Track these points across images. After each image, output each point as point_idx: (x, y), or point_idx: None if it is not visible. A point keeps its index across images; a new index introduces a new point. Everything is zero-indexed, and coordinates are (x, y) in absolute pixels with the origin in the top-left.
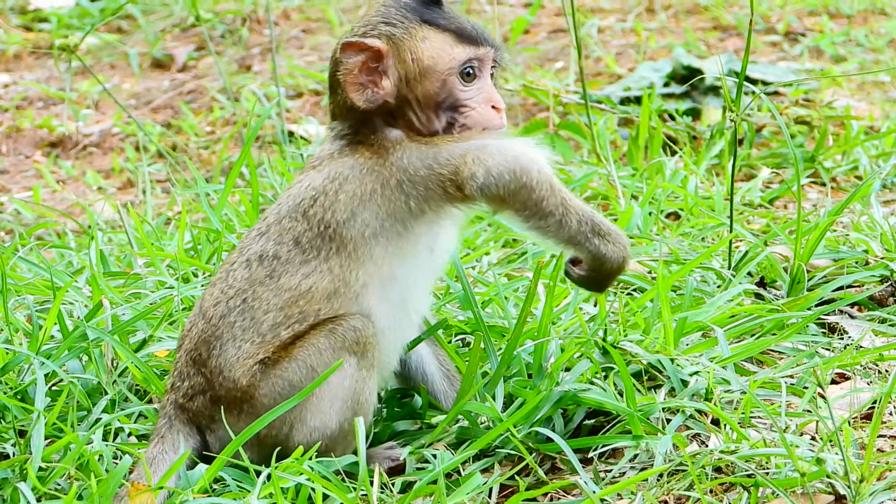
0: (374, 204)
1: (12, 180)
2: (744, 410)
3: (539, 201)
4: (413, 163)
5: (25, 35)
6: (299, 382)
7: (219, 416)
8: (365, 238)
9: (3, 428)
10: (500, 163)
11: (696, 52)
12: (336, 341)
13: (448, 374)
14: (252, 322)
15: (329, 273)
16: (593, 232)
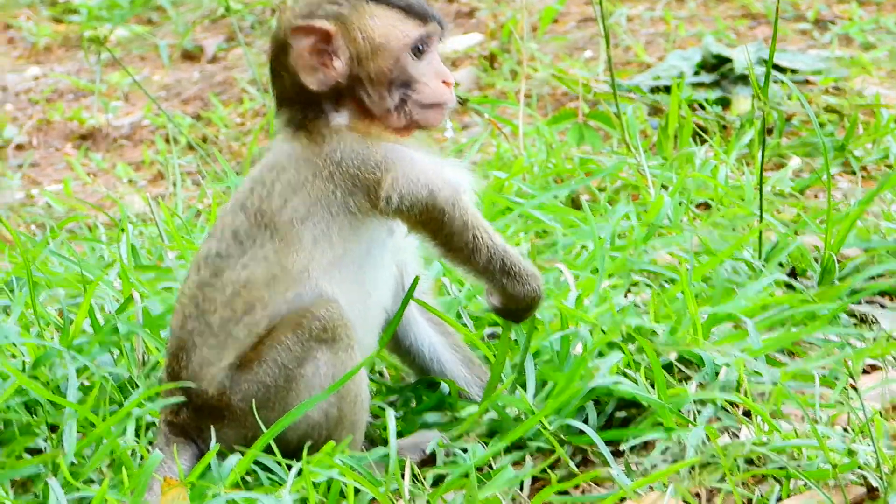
0: (305, 192)
1: (43, 173)
2: (775, 402)
3: (449, 234)
4: (345, 157)
5: (55, 27)
6: (273, 382)
7: (205, 426)
8: (294, 222)
9: (35, 423)
10: (416, 190)
11: (725, 40)
12: (302, 334)
13: (465, 359)
14: (206, 325)
15: (264, 260)
16: (502, 271)
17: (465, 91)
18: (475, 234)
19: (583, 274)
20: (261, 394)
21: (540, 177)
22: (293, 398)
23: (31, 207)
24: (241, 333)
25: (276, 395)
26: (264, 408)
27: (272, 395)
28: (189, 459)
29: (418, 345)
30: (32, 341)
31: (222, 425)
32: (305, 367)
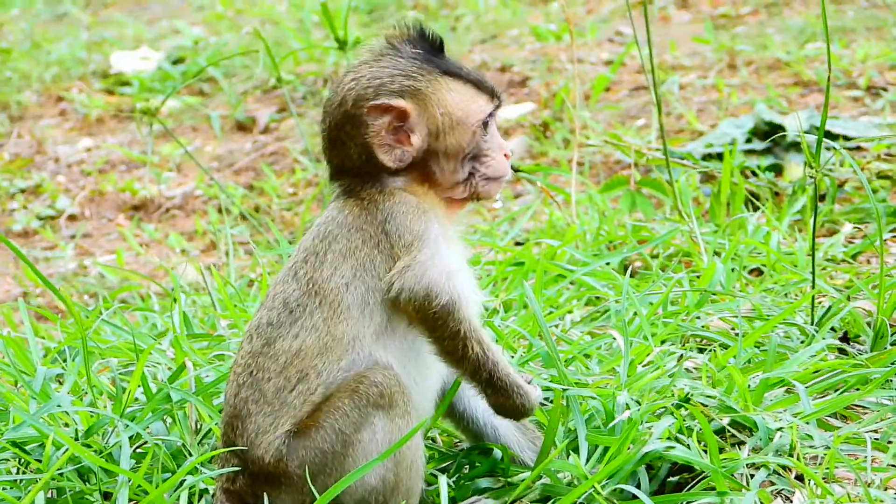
0: (354, 258)
1: (96, 244)
2: (828, 466)
3: (440, 338)
4: (391, 221)
5: (107, 99)
6: (330, 448)
7: (261, 493)
8: (340, 289)
9: (88, 490)
10: (416, 290)
11: (777, 107)
12: (360, 400)
13: (518, 424)
14: (259, 394)
15: (314, 329)
16: (488, 383)
17: (517, 159)
18: (465, 344)
19: (635, 340)
20: (318, 460)
21: (592, 244)
22: (350, 464)
23: (83, 277)
24: (297, 401)
25: (334, 461)
26: (322, 474)
27: (329, 461)
28: None
29: (472, 410)
30: (85, 410)
31: (279, 492)
32: (362, 433)
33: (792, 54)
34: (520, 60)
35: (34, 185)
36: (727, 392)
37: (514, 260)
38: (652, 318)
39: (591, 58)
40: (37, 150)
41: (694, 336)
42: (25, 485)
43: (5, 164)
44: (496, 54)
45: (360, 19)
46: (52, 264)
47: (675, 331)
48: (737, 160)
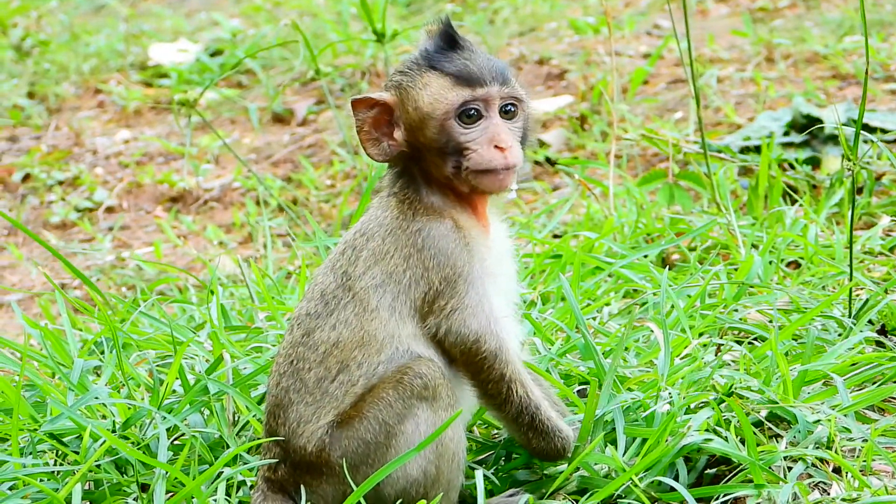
0: (385, 262)
1: (133, 236)
2: (865, 458)
3: (485, 381)
4: (427, 247)
5: (146, 91)
6: (373, 439)
7: (303, 482)
8: (369, 290)
9: (126, 482)
10: (465, 333)
11: (815, 100)
12: (404, 391)
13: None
14: (301, 383)
15: (348, 324)
16: (530, 426)
17: (555, 152)
18: (510, 387)
19: (673, 333)
20: (360, 450)
21: (630, 237)
22: (392, 455)
23: (121, 270)
24: (338, 392)
25: (376, 452)
26: (364, 464)
27: (372, 452)
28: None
29: None
30: (123, 402)
31: (321, 482)
32: (406, 424)
33: (830, 47)
34: (558, 53)
35: (72, 177)
36: (766, 384)
37: (551, 252)
38: (690, 311)
39: (629, 51)
40: (75, 141)
41: (731, 328)
42: (63, 476)
43: (43, 156)
44: (534, 47)
45: (399, 12)
46: (90, 256)
47: (712, 323)
48: (774, 153)
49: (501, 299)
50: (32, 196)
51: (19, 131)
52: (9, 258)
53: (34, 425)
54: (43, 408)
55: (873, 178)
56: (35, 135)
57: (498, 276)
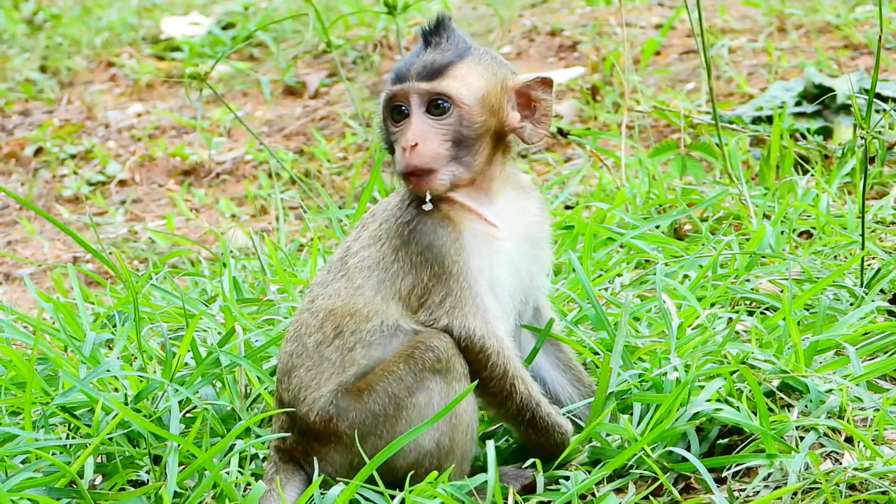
0: (376, 248)
1: (146, 209)
2: (877, 428)
3: (488, 378)
4: (415, 237)
5: (158, 64)
6: (382, 412)
7: (311, 450)
8: (359, 270)
9: (138, 454)
10: (470, 328)
11: (827, 70)
12: (415, 365)
13: (574, 378)
14: (303, 347)
15: (338, 295)
16: (530, 423)
17: (567, 123)
18: (514, 384)
19: (685, 303)
20: (368, 421)
21: (642, 207)
22: (403, 426)
23: (134, 243)
24: (335, 356)
25: (385, 423)
26: (372, 435)
27: (380, 423)
28: (297, 485)
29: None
30: (135, 374)
31: (329, 450)
32: (417, 397)
33: (842, 17)
34: (570, 25)
35: (84, 150)
36: (777, 354)
37: (564, 223)
38: (701, 281)
39: (641, 22)
40: (87, 115)
41: (743, 299)
42: (75, 449)
43: (56, 130)
44: (546, 19)
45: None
46: (103, 230)
47: (724, 293)
48: (786, 123)
49: (505, 296)
50: (45, 170)
51: (31, 105)
52: (21, 232)
53: (46, 399)
54: (55, 381)
55: (885, 147)
56: (47, 108)
57: (503, 272)
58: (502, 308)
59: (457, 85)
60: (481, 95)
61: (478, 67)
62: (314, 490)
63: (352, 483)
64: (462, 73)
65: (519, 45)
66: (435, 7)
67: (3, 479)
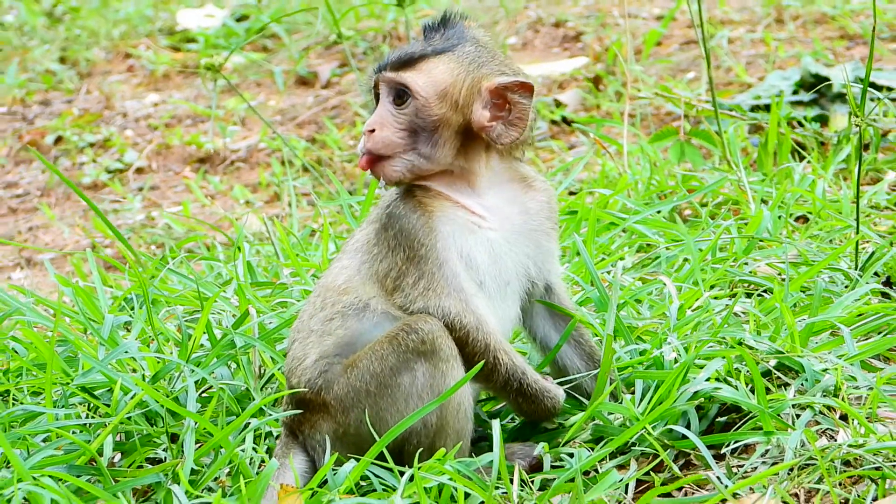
0: (367, 229)
1: (163, 196)
2: (871, 406)
3: (471, 354)
4: (388, 227)
5: (174, 55)
6: (364, 388)
7: (304, 419)
8: (350, 250)
9: (156, 432)
10: (446, 307)
11: (823, 60)
12: (398, 346)
13: (585, 353)
14: (301, 323)
15: (332, 272)
16: (518, 392)
17: (571, 112)
18: (497, 356)
19: (685, 285)
20: (351, 396)
21: (644, 193)
22: (387, 403)
23: (151, 229)
24: (318, 327)
25: (367, 399)
26: (355, 409)
27: (362, 398)
28: (301, 459)
29: (542, 338)
30: (152, 356)
31: (318, 419)
32: (402, 377)
33: (838, 8)
34: (574, 16)
35: (103, 139)
36: (774, 335)
37: (568, 209)
38: (701, 265)
39: (643, 13)
40: (105, 105)
41: (742, 281)
42: (95, 428)
43: (75, 119)
44: (551, 10)
45: None
46: (121, 216)
47: (723, 276)
48: (784, 111)
49: (488, 279)
50: (64, 158)
51: (51, 95)
52: (42, 218)
53: (67, 379)
54: (75, 362)
55: (879, 134)
56: (67, 98)
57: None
58: (487, 289)
59: (417, 77)
60: (442, 90)
61: (450, 63)
62: (327, 470)
63: (363, 460)
64: (430, 67)
65: (525, 35)
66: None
67: (25, 456)
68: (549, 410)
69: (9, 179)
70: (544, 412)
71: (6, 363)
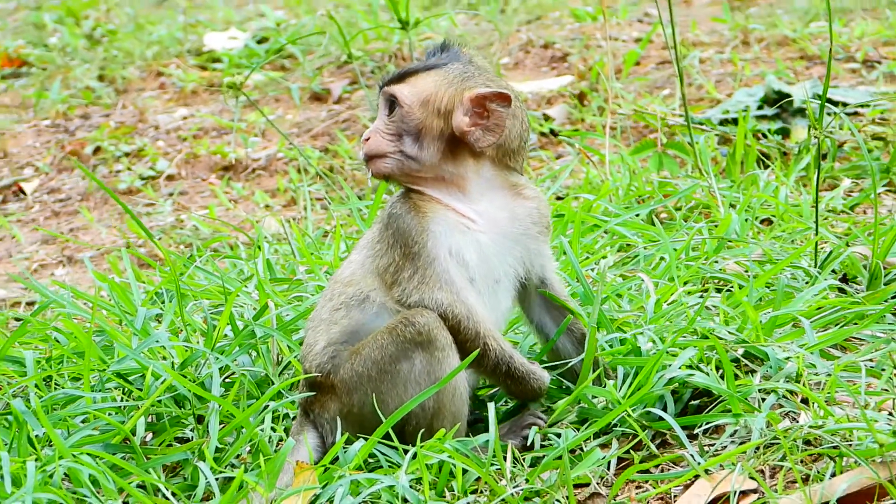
0: (373, 229)
1: (191, 200)
2: (829, 390)
3: (462, 342)
4: (388, 225)
5: (201, 73)
6: (366, 373)
7: (315, 400)
8: (359, 247)
9: (184, 414)
10: (437, 299)
11: (785, 78)
12: (397, 336)
13: (577, 339)
14: (316, 313)
15: (341, 267)
16: (507, 374)
17: (558, 125)
18: (486, 342)
19: (661, 281)
20: (355, 380)
21: (624, 198)
22: (388, 387)
23: (180, 230)
24: (326, 316)
25: (369, 384)
26: (358, 391)
27: (364, 382)
28: (314, 437)
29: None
30: (181, 345)
31: (326, 399)
32: (401, 365)
33: (798, 32)
34: (561, 38)
35: (137, 149)
36: (742, 326)
37: (555, 212)
38: (676, 263)
39: (623, 36)
40: (139, 118)
41: (712, 278)
42: (128, 411)
43: (112, 131)
44: (540, 33)
45: (422, 3)
46: (153, 218)
47: (695, 273)
48: (750, 124)
49: (478, 276)
50: (102, 166)
51: (91, 110)
52: (82, 220)
53: (103, 366)
54: (111, 351)
55: (836, 145)
56: (105, 113)
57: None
58: (477, 285)
59: (403, 88)
60: (424, 98)
61: (437, 77)
62: (338, 448)
63: (371, 439)
64: (417, 80)
65: (516, 56)
66: (443, 24)
67: (65, 436)
68: (535, 391)
69: (52, 185)
70: (531, 392)
71: (49, 351)
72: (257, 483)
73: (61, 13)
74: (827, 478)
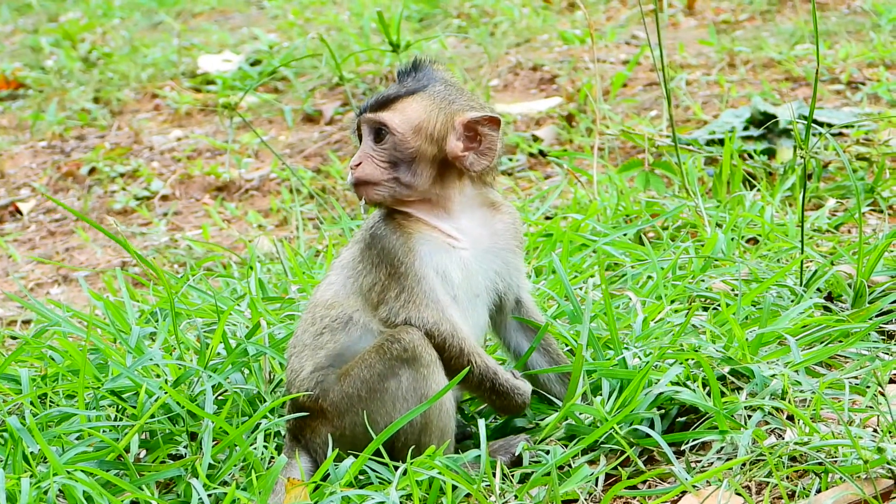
0: (351, 249)
1: (185, 220)
2: (814, 407)
3: (448, 359)
4: (371, 245)
5: (195, 95)
6: (356, 394)
7: (304, 424)
8: (336, 267)
9: (177, 431)
10: (424, 318)
11: (771, 100)
12: (384, 354)
13: (552, 360)
14: (296, 339)
15: (318, 289)
16: (491, 390)
17: (546, 146)
18: (470, 359)
19: (648, 300)
20: (346, 401)
21: (612, 218)
22: (378, 406)
23: (174, 249)
24: (310, 341)
25: (360, 403)
26: (350, 413)
27: (356, 403)
28: (305, 458)
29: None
30: (174, 363)
31: (317, 424)
32: (388, 382)
33: (783, 54)
34: (549, 61)
35: (132, 169)
36: (728, 344)
37: (544, 232)
38: (663, 281)
39: (611, 58)
40: (134, 139)
41: (699, 296)
42: (122, 428)
43: (107, 152)
44: (529, 56)
45: (412, 26)
46: (147, 238)
47: (682, 292)
48: (736, 145)
49: (461, 293)
50: (98, 186)
51: (86, 131)
52: (77, 240)
53: (97, 384)
54: (105, 369)
55: (821, 165)
56: (100, 134)
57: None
58: (460, 302)
59: (393, 116)
60: (416, 125)
61: (423, 101)
62: (329, 465)
63: (361, 456)
64: (404, 106)
65: (506, 78)
66: (434, 46)
67: (60, 453)
68: (518, 406)
69: (49, 205)
70: (515, 407)
71: (44, 369)
72: (250, 500)
73: (58, 36)
74: (812, 494)
